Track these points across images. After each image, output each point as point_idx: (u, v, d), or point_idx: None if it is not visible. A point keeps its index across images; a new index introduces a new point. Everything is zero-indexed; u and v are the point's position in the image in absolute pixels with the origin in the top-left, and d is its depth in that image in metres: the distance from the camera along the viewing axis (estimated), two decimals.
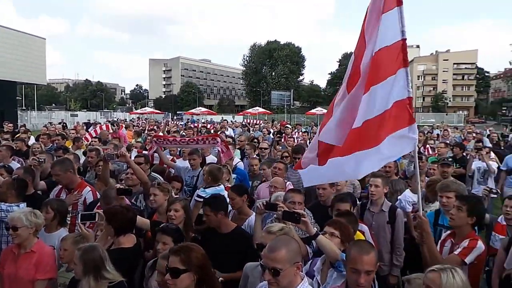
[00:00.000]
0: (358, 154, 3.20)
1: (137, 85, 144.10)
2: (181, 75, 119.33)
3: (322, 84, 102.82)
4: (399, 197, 5.44)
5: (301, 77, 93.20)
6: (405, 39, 3.23)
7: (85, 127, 19.24)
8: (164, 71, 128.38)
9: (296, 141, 10.71)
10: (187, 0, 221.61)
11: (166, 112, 61.59)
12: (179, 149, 8.21)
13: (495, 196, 6.27)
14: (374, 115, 3.21)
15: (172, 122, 32.80)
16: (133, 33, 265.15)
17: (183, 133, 13.71)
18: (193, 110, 48.46)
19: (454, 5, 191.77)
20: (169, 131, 15.76)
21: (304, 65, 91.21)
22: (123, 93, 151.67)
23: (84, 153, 7.84)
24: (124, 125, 17.57)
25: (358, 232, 3.86)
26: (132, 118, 40.87)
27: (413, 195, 4.99)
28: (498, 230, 4.51)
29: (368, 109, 3.22)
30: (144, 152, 7.59)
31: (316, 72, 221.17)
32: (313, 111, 41.87)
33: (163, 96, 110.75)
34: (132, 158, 6.15)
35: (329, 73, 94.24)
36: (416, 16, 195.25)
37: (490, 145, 11.23)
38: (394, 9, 3.20)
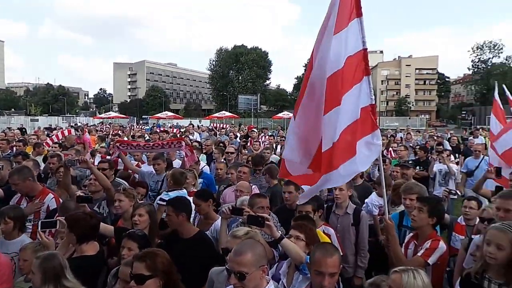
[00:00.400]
0: (339, 168, 3.26)
1: (101, 89, 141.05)
2: (147, 79, 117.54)
3: (289, 88, 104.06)
4: (366, 201, 5.56)
5: (267, 82, 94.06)
6: (366, 48, 3.37)
7: (46, 132, 18.54)
8: (129, 75, 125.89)
9: (262, 145, 10.74)
10: (153, 3, 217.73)
11: (131, 117, 60.11)
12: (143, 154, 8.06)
13: (455, 197, 6.53)
14: (346, 124, 3.31)
15: (137, 126, 32.16)
16: (96, 36, 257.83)
17: (148, 138, 13.47)
18: (159, 115, 47.65)
19: (416, 12, 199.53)
20: (134, 136, 15.43)
21: (270, 69, 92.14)
22: (86, 97, 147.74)
23: (45, 159, 7.55)
24: (87, 130, 17.06)
25: (323, 235, 3.91)
26: (95, 124, 39.67)
27: (380, 198, 5.12)
28: (458, 230, 4.67)
29: (336, 125, 3.28)
30: (108, 157, 7.40)
31: (283, 76, 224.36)
32: (280, 115, 42.12)
33: (128, 100, 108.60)
34: (96, 163, 5.99)
35: (295, 78, 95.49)
36: (379, 22, 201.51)
37: (450, 148, 11.73)
38: (354, 20, 3.34)
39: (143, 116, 63.59)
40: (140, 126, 32.89)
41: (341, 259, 4.18)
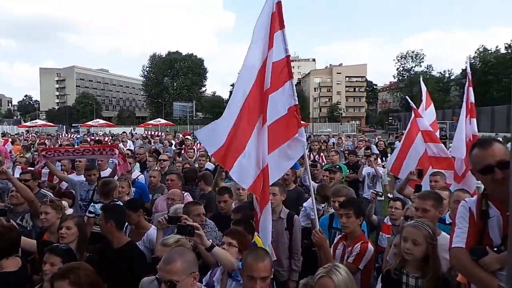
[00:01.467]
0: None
1: (26, 95, 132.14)
2: (77, 86, 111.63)
3: (225, 95, 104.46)
4: (304, 204, 5.68)
5: (203, 88, 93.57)
6: (289, 55, 3.80)
7: None
8: (57, 81, 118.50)
9: (197, 152, 10.61)
10: (82, 6, 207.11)
11: (60, 125, 56.58)
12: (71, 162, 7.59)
13: (382, 198, 6.89)
14: (272, 120, 3.63)
15: (66, 135, 30.30)
16: (20, 39, 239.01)
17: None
18: (90, 122, 45.49)
19: (345, 22, 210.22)
20: (61, 145, 14.45)
21: (206, 76, 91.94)
22: (10, 104, 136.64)
23: None
24: (10, 139, 15.78)
25: (258, 238, 3.91)
26: (19, 132, 36.66)
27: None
28: (385, 230, 4.93)
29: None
30: (30, 168, 6.84)
31: (218, 83, 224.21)
32: None
33: (57, 107, 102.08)
34: (17, 175, 5.55)
35: (230, 85, 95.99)
36: (311, 31, 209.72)
37: (378, 152, 12.41)
38: (278, 32, 3.71)
39: (73, 124, 60.10)
40: (70, 135, 30.99)
41: (275, 263, 4.28)
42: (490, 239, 2.17)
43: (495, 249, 2.10)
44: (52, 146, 13.46)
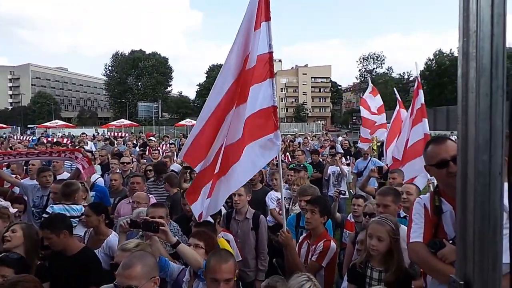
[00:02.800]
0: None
1: None
2: (32, 85, 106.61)
3: (191, 95, 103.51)
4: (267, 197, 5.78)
5: (169, 88, 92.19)
6: (272, 52, 3.60)
7: None
8: (10, 79, 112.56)
9: (163, 153, 10.43)
10: (40, 2, 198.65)
11: (14, 126, 53.86)
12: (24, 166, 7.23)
13: (346, 196, 7.06)
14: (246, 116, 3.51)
15: (22, 137, 28.91)
16: None
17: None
18: (47, 124, 43.66)
19: (310, 23, 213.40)
20: (12, 148, 13.61)
21: (172, 76, 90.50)
22: None
23: None
24: None
25: (224, 241, 3.89)
26: None
27: (278, 193, 5.35)
28: (348, 227, 5.06)
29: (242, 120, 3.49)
30: None
31: (185, 83, 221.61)
32: (182, 122, 41.65)
33: (10, 108, 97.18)
34: None
35: (197, 85, 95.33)
36: (278, 32, 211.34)
37: (342, 151, 12.68)
38: (264, 23, 3.54)
39: (29, 126, 57.51)
40: (25, 137, 29.58)
41: (241, 264, 4.27)
42: (444, 232, 2.28)
43: (450, 241, 2.21)
44: (2, 150, 12.66)
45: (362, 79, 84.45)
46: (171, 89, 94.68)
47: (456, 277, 0.99)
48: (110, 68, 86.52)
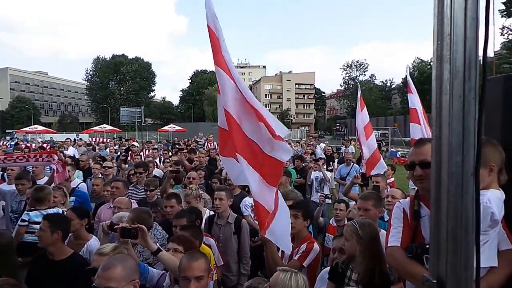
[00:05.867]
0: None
1: None
2: (11, 89, 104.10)
3: (175, 100, 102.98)
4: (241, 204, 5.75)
5: (152, 94, 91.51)
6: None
7: None
8: None
9: (144, 159, 10.32)
10: (18, 3, 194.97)
11: None
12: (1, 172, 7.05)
13: (329, 201, 7.12)
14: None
15: None
16: None
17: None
18: (27, 129, 42.63)
19: (295, 30, 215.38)
20: None
21: (154, 81, 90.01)
22: None
23: None
24: None
25: (204, 246, 3.86)
26: None
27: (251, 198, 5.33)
28: (331, 231, 5.11)
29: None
30: None
31: (168, 88, 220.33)
32: (165, 128, 41.24)
33: None
34: None
35: (181, 90, 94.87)
36: (262, 38, 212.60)
37: (324, 157, 12.76)
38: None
39: (7, 131, 56.16)
40: (3, 142, 28.85)
41: (223, 268, 4.24)
42: (422, 237, 2.30)
43: (427, 245, 2.23)
44: None
45: (346, 86, 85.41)
46: (154, 94, 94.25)
47: (429, 276, 1.00)
48: (91, 72, 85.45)
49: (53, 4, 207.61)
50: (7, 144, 21.94)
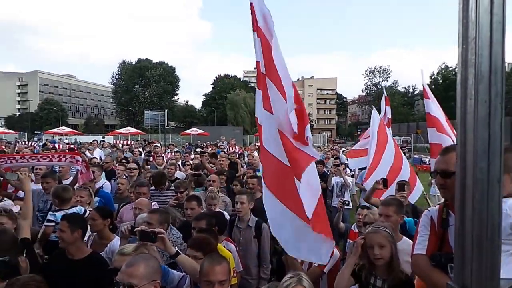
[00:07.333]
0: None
1: None
2: (40, 91, 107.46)
3: (197, 104, 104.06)
4: None
5: (175, 97, 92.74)
6: (258, 61, 3.49)
7: None
8: (18, 86, 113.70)
9: (167, 161, 10.46)
10: (49, 9, 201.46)
11: (21, 132, 54.35)
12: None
13: (350, 207, 7.04)
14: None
15: (27, 143, 29.15)
16: None
17: None
18: (55, 130, 43.93)
19: (317, 35, 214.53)
20: (18, 152, 13.79)
21: (178, 85, 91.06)
22: None
23: None
24: None
25: (224, 249, 3.86)
26: None
27: None
28: (352, 237, 5.01)
29: None
30: None
31: (191, 92, 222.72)
32: (188, 131, 41.68)
33: (17, 114, 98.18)
34: None
35: (203, 95, 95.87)
36: (284, 43, 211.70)
37: (347, 162, 12.61)
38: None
39: (36, 132, 57.92)
40: (31, 142, 29.80)
41: (243, 272, 4.24)
42: (450, 246, 2.26)
43: (453, 255, 2.17)
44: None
45: (368, 91, 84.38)
46: (178, 98, 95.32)
47: (453, 284, 0.98)
48: (117, 76, 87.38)
49: (82, 10, 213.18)
50: (35, 145, 22.70)
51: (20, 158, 6.11)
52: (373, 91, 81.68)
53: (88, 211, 4.75)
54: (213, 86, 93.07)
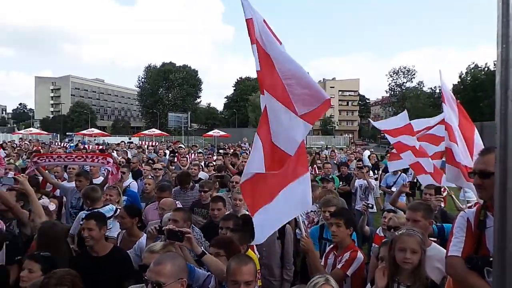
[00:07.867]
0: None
1: (20, 104, 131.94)
2: (72, 95, 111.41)
3: (219, 107, 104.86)
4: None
5: (198, 100, 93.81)
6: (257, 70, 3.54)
7: None
8: (52, 90, 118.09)
9: (191, 162, 10.64)
10: (80, 17, 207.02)
11: (54, 133, 56.28)
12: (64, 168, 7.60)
13: (374, 210, 6.94)
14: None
15: (60, 143, 30.24)
16: (18, 48, 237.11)
17: None
18: (84, 131, 45.23)
19: (339, 36, 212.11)
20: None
21: (201, 88, 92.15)
22: (4, 112, 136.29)
23: None
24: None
25: (252, 253, 3.84)
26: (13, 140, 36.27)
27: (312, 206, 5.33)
28: (377, 241, 4.92)
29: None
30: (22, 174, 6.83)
31: (214, 95, 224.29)
32: (210, 133, 42.05)
33: (51, 116, 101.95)
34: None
35: (225, 97, 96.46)
36: (305, 45, 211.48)
37: (370, 164, 12.46)
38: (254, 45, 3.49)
39: (67, 133, 59.81)
40: (63, 143, 30.89)
41: (267, 273, 4.25)
42: (486, 248, 2.22)
43: (491, 259, 2.14)
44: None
45: (392, 92, 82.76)
46: (200, 101, 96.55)
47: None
48: (142, 80, 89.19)
49: (109, 17, 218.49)
50: (66, 146, 23.60)
51: (57, 157, 6.46)
52: (397, 92, 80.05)
53: (118, 209, 4.91)
54: (234, 88, 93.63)
